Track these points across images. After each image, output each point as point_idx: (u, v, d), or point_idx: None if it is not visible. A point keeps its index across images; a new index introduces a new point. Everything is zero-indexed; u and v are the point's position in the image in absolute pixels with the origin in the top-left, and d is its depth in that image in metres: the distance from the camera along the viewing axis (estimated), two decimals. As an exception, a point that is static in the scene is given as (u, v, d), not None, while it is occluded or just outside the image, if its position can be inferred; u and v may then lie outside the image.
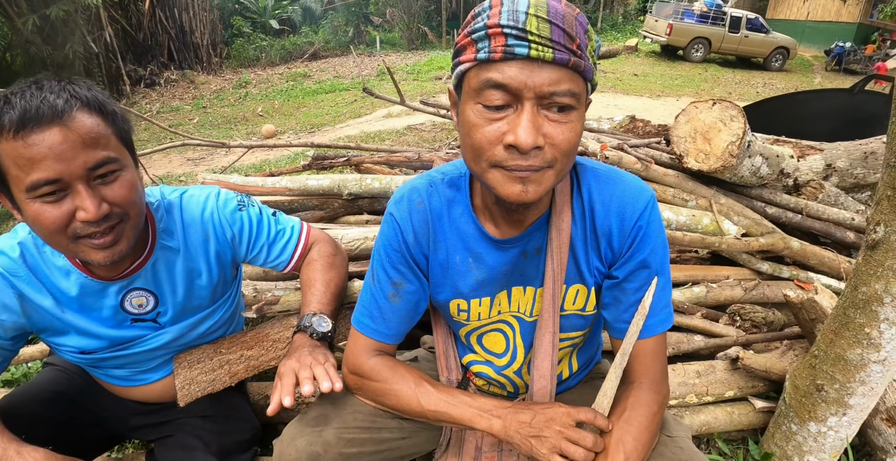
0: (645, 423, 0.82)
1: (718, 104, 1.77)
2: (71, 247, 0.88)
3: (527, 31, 0.65)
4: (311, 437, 0.89)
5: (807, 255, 1.85)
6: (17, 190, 0.83)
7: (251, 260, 1.22)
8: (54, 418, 1.16)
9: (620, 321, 0.89)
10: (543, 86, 0.66)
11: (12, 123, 0.79)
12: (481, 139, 0.70)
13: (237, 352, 1.21)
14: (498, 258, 0.89)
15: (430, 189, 0.91)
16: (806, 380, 1.26)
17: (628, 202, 0.84)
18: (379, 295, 0.94)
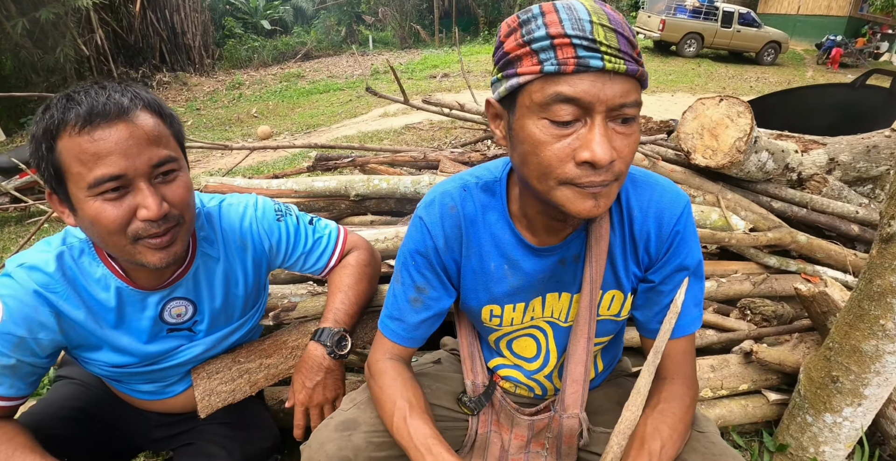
0: (679, 415, 0.84)
1: (725, 100, 1.78)
2: (128, 249, 0.87)
3: (598, 42, 0.63)
4: (340, 442, 0.89)
5: (813, 249, 1.87)
6: (76, 188, 0.82)
7: (287, 267, 1.22)
8: (74, 437, 1.13)
9: (654, 322, 0.89)
10: (615, 98, 0.64)
11: (79, 118, 0.79)
12: (551, 157, 0.67)
13: (256, 360, 1.19)
14: (535, 265, 0.88)
15: (463, 193, 0.88)
16: (821, 371, 1.28)
17: (666, 207, 0.83)
18: (402, 298, 0.94)
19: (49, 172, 0.83)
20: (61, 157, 0.81)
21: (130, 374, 1.09)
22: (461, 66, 3.50)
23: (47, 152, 0.81)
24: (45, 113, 0.82)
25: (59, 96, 0.83)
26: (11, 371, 0.93)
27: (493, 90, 0.75)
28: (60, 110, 0.80)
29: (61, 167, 0.81)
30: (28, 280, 0.91)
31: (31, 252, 0.96)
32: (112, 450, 1.23)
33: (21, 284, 0.91)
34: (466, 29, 18.61)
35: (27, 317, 0.91)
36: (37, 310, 0.92)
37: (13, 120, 10.00)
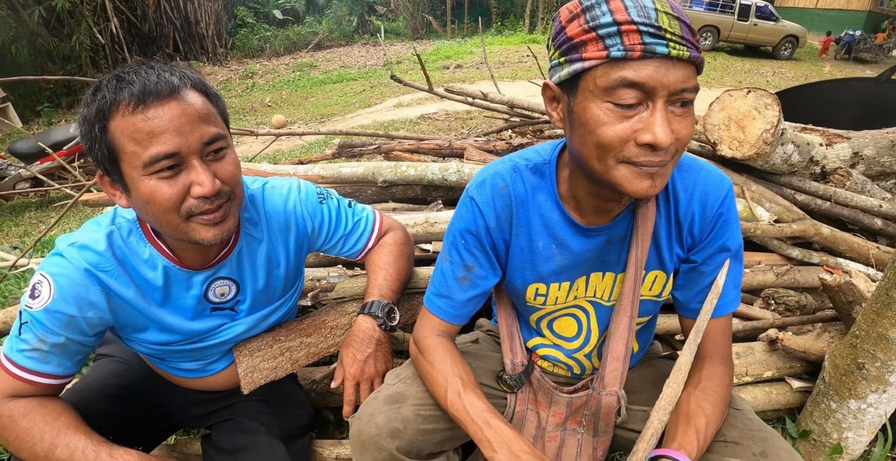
0: (721, 393, 0.87)
1: (753, 92, 1.79)
2: (182, 227, 0.87)
3: (663, 29, 0.65)
4: (390, 414, 0.91)
5: (836, 241, 1.88)
6: (130, 167, 0.82)
7: (325, 250, 1.24)
8: (119, 413, 1.15)
9: (694, 302, 0.92)
10: (677, 83, 0.67)
11: (132, 98, 0.79)
12: (613, 137, 0.69)
13: (296, 339, 1.22)
14: (583, 245, 0.90)
15: (513, 175, 0.91)
16: (846, 359, 1.30)
17: (710, 190, 0.86)
18: (450, 276, 0.97)
19: (102, 153, 0.83)
20: (115, 137, 0.81)
21: (174, 352, 1.12)
22: (484, 55, 3.51)
23: (100, 133, 0.82)
24: (97, 94, 0.82)
25: (108, 77, 0.83)
26: (60, 349, 0.95)
27: (551, 74, 0.77)
28: (112, 91, 0.80)
29: (115, 147, 0.82)
30: (79, 259, 0.92)
31: (82, 232, 0.97)
32: (152, 427, 1.26)
33: (73, 263, 0.92)
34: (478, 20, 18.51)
35: (78, 296, 0.92)
36: (87, 289, 0.93)
37: (29, 108, 10.12)
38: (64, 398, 1.09)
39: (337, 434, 1.59)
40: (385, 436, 0.89)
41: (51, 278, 0.91)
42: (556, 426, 1.04)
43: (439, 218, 1.62)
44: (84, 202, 2.34)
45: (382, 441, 0.89)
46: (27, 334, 0.93)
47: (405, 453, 0.90)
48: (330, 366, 1.54)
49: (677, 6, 0.68)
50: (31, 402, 0.94)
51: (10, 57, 10.56)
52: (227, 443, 1.18)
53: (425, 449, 0.93)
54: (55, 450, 0.90)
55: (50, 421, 0.92)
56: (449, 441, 0.98)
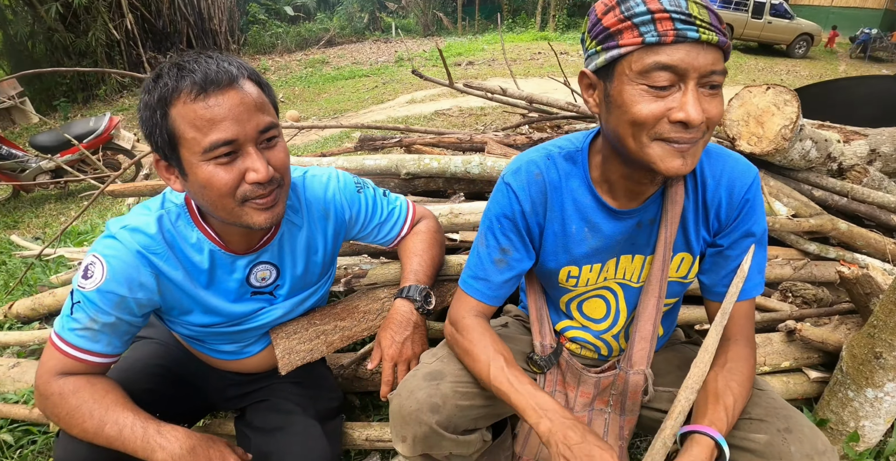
0: (746, 373, 0.92)
1: (772, 89, 1.81)
2: (236, 211, 0.91)
3: (693, 16, 0.70)
4: (430, 390, 0.95)
5: (853, 237, 1.90)
6: (189, 153, 0.86)
7: (360, 238, 1.28)
8: (162, 393, 1.18)
9: (720, 285, 0.97)
10: (707, 66, 0.72)
11: (194, 86, 0.82)
12: (648, 115, 0.74)
13: (331, 323, 1.27)
14: (614, 227, 0.95)
15: (547, 162, 0.96)
16: (864, 348, 1.33)
17: (738, 176, 0.91)
18: (486, 259, 1.01)
19: (162, 138, 0.86)
20: (175, 124, 0.84)
21: (215, 334, 1.16)
22: (503, 51, 3.52)
23: (161, 119, 0.85)
24: (158, 81, 0.85)
25: (168, 65, 0.86)
26: (111, 328, 0.98)
27: (588, 63, 0.82)
28: (174, 78, 0.83)
29: (175, 133, 0.85)
30: (131, 241, 0.96)
31: (133, 215, 1.01)
32: (189, 408, 1.31)
33: (125, 245, 0.95)
34: (490, 16, 18.47)
35: (129, 277, 0.96)
36: (138, 271, 0.97)
37: (46, 102, 10.27)
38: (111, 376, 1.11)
39: (363, 417, 1.65)
40: (425, 410, 0.93)
41: (104, 259, 0.95)
42: (583, 406, 1.08)
43: (463, 209, 1.67)
44: (109, 193, 2.41)
45: (423, 415, 0.92)
46: (79, 313, 0.96)
47: (444, 427, 0.93)
48: (357, 352, 1.59)
49: None
50: (80, 380, 0.97)
51: (27, 52, 10.71)
52: (263, 423, 1.22)
53: (461, 425, 0.97)
54: (104, 426, 0.93)
55: (98, 398, 0.96)
56: (483, 418, 1.02)
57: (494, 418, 1.06)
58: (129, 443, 0.93)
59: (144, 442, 0.93)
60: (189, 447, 0.94)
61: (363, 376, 1.61)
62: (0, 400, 1.65)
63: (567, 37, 15.17)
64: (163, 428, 0.95)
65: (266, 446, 1.16)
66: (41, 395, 0.97)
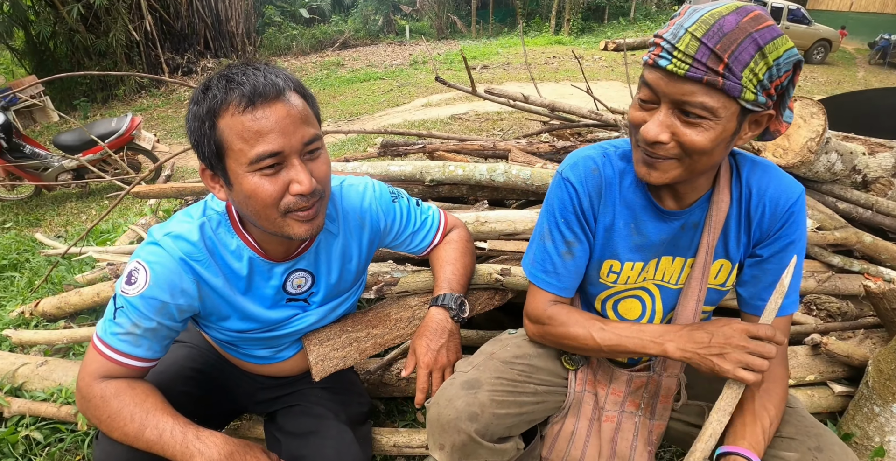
0: (781, 395, 0.94)
1: (799, 101, 1.82)
2: (278, 221, 0.93)
3: (675, 47, 0.75)
4: (468, 399, 0.97)
5: (878, 250, 1.90)
6: (236, 164, 0.87)
7: (393, 246, 1.30)
8: (196, 396, 1.20)
9: (757, 298, 0.98)
10: (676, 95, 0.77)
11: (242, 98, 0.84)
12: (632, 119, 0.86)
13: (363, 330, 1.29)
14: (660, 228, 0.99)
15: (603, 159, 1.00)
16: (891, 364, 1.33)
17: (784, 190, 0.94)
18: (553, 253, 1.04)
19: (210, 149, 0.88)
20: (223, 135, 0.86)
21: (250, 340, 1.18)
22: (524, 55, 3.53)
23: (209, 130, 0.86)
24: (207, 93, 0.86)
25: (217, 77, 0.88)
26: (152, 333, 1.00)
27: None
28: (223, 90, 0.85)
29: (223, 144, 0.86)
30: (175, 248, 0.98)
31: (175, 222, 1.03)
32: (221, 411, 1.32)
33: (168, 252, 0.98)
34: (503, 20, 18.51)
35: (171, 284, 0.98)
36: (181, 277, 0.98)
37: (65, 102, 10.44)
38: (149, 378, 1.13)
39: (388, 423, 1.67)
40: (464, 419, 0.95)
41: (147, 266, 0.97)
42: (614, 405, 1.09)
43: (489, 217, 1.68)
44: (135, 194, 2.46)
45: (462, 424, 0.95)
46: (122, 318, 0.98)
47: (482, 436, 0.96)
48: (384, 358, 1.62)
49: (723, 32, 0.73)
50: (121, 384, 0.99)
51: (48, 52, 10.90)
52: (295, 427, 1.23)
53: (497, 432, 0.99)
54: (145, 430, 0.95)
55: (139, 402, 0.97)
56: (516, 426, 1.04)
57: (527, 425, 1.08)
58: (169, 447, 0.94)
59: (184, 446, 0.94)
60: (227, 453, 0.95)
61: (389, 382, 1.63)
62: (28, 397, 1.68)
63: (581, 41, 15.14)
64: (202, 433, 0.96)
65: (298, 450, 1.17)
66: (83, 398, 0.99)
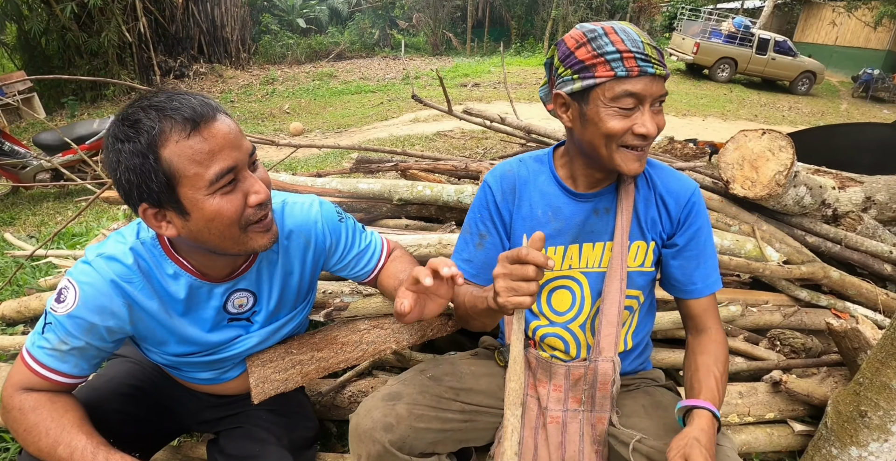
0: (723, 356, 1.09)
1: (768, 134, 1.82)
2: (242, 238, 0.92)
3: (648, 56, 0.92)
4: (385, 410, 1.01)
5: (845, 286, 1.89)
6: (193, 190, 0.85)
7: (337, 269, 1.26)
8: (132, 413, 1.17)
9: (689, 283, 1.13)
10: (657, 92, 0.95)
11: (186, 122, 0.82)
12: (618, 129, 0.95)
13: (308, 353, 1.25)
14: (574, 209, 1.11)
15: (518, 163, 1.17)
16: (849, 406, 1.31)
17: (683, 184, 1.11)
18: (470, 243, 1.18)
19: (159, 182, 0.84)
20: (172, 164, 0.82)
21: (191, 364, 1.15)
22: (504, 76, 3.56)
23: (155, 163, 0.82)
24: (138, 127, 0.82)
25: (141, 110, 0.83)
26: (79, 352, 0.98)
27: (560, 86, 1.00)
28: (157, 120, 0.82)
29: (173, 173, 0.83)
30: (107, 269, 0.96)
31: (109, 243, 1.00)
32: (161, 429, 1.28)
33: (100, 273, 0.95)
34: (498, 39, 18.74)
35: (100, 306, 0.96)
36: (111, 300, 0.96)
37: (54, 99, 10.34)
38: (79, 394, 1.11)
39: (339, 447, 1.61)
40: (379, 429, 0.98)
41: (77, 286, 0.95)
42: (557, 402, 1.12)
43: (452, 240, 1.65)
44: (104, 199, 2.40)
45: (377, 434, 0.98)
46: (49, 334, 0.97)
47: (398, 448, 0.98)
48: (337, 380, 1.56)
49: (650, 37, 0.97)
50: (41, 397, 0.97)
51: (39, 49, 10.81)
52: (236, 450, 1.20)
53: (417, 447, 1.01)
54: (58, 447, 0.93)
55: (56, 417, 0.95)
56: (441, 443, 1.06)
57: (457, 444, 1.10)
58: None
59: None
60: None
61: (341, 404, 1.58)
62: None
63: (574, 62, 15.29)
64: (112, 455, 0.94)
65: None
66: (4, 408, 0.97)
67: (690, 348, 1.13)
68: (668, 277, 1.16)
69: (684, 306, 1.17)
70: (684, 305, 1.17)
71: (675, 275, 1.13)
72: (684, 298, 1.15)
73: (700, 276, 1.12)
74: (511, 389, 0.86)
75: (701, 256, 1.11)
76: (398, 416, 1.00)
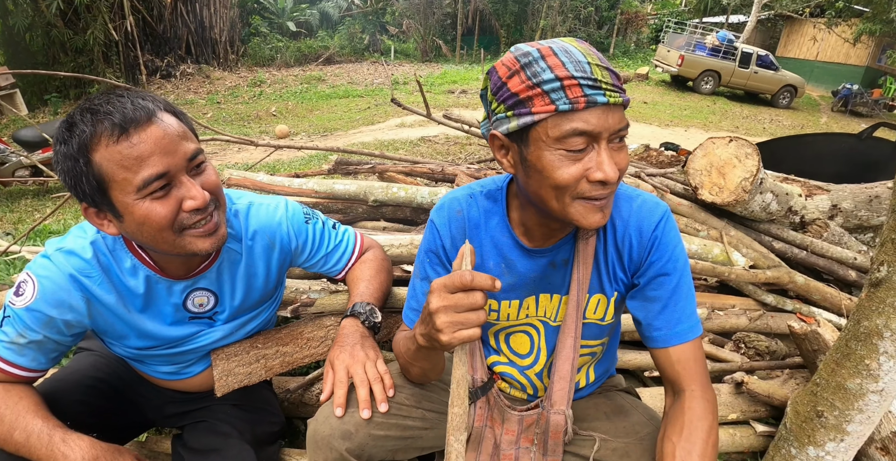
0: (706, 438, 0.85)
1: (734, 141, 1.87)
2: (177, 242, 0.91)
3: (598, 81, 0.73)
4: (344, 417, 0.96)
5: (810, 291, 1.93)
6: (122, 194, 0.85)
7: (307, 267, 1.27)
8: (95, 405, 1.17)
9: (652, 329, 0.94)
10: (615, 125, 0.76)
11: (114, 127, 0.82)
12: (568, 178, 0.77)
13: (273, 347, 1.26)
14: (528, 265, 0.98)
15: (469, 200, 1.00)
16: (807, 406, 1.33)
17: (645, 216, 0.92)
18: (419, 291, 1.04)
19: (90, 186, 0.85)
20: (102, 169, 0.83)
21: (152, 356, 1.15)
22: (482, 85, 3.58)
23: (85, 166, 0.83)
24: (73, 130, 0.83)
25: (79, 112, 0.84)
26: (37, 346, 0.99)
27: (496, 125, 0.83)
28: (90, 124, 0.82)
29: (104, 177, 0.84)
30: (66, 264, 0.96)
31: (70, 237, 1.00)
32: (126, 423, 1.28)
33: (58, 267, 0.96)
34: (487, 47, 18.89)
35: (59, 299, 0.96)
36: (69, 294, 0.97)
37: (37, 96, 10.19)
38: (43, 386, 1.13)
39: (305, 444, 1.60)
40: (337, 437, 0.94)
41: (36, 279, 0.96)
42: (509, 444, 1.07)
43: (425, 240, 1.66)
44: (79, 197, 2.36)
45: (334, 441, 0.94)
46: (7, 328, 0.97)
47: (356, 456, 0.94)
48: (305, 377, 1.56)
49: (601, 56, 0.78)
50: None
51: (23, 44, 10.65)
52: (198, 444, 1.20)
53: (376, 455, 0.97)
54: (13, 432, 0.93)
55: (11, 404, 0.95)
56: (402, 451, 1.02)
57: (416, 451, 1.06)
58: (35, 450, 0.92)
59: (49, 449, 0.92)
60: (92, 457, 0.93)
61: (309, 402, 1.57)
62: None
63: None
64: (69, 436, 0.94)
65: None
66: None
67: (663, 423, 0.91)
68: (633, 317, 0.99)
69: (653, 357, 0.97)
70: (653, 355, 0.96)
71: (636, 315, 0.97)
72: (649, 347, 0.96)
73: (664, 321, 0.91)
74: (454, 414, 0.76)
75: (668, 298, 0.91)
76: (357, 424, 0.95)
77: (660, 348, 0.93)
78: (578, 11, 17.86)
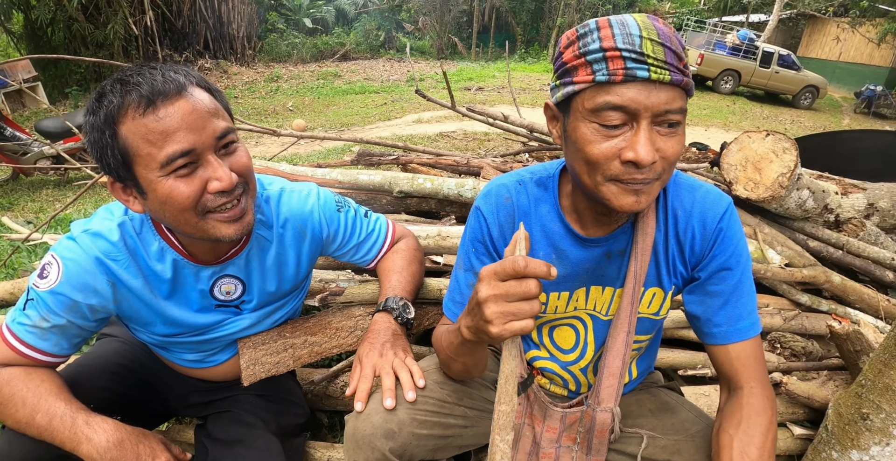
0: (765, 432, 0.83)
1: (772, 135, 1.81)
2: (199, 225, 0.87)
3: (645, 55, 0.69)
4: (386, 415, 0.92)
5: (846, 291, 1.87)
6: (146, 170, 0.82)
7: (337, 256, 1.25)
8: (118, 392, 1.15)
9: (711, 325, 0.90)
10: (660, 105, 0.70)
11: (141, 99, 0.79)
12: (599, 155, 0.74)
13: (301, 337, 1.23)
14: (581, 255, 0.92)
15: (518, 187, 0.94)
16: (851, 408, 1.28)
17: (709, 207, 0.88)
18: (463, 282, 0.99)
19: (115, 159, 0.82)
20: (127, 141, 0.80)
21: (177, 343, 1.13)
22: (508, 79, 3.55)
23: (111, 139, 0.81)
24: (102, 100, 0.81)
25: (111, 82, 0.82)
26: (60, 330, 0.96)
27: (552, 95, 0.81)
28: (119, 95, 0.80)
29: (128, 151, 0.81)
30: (92, 246, 0.93)
31: (96, 219, 0.98)
32: (149, 411, 1.26)
33: (84, 250, 0.93)
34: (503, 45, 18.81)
35: (83, 283, 0.93)
36: (95, 278, 0.94)
37: (58, 89, 10.34)
38: (66, 371, 1.11)
39: (329, 437, 1.59)
40: (380, 436, 0.89)
41: (61, 261, 0.93)
42: (549, 442, 1.03)
43: (451, 232, 1.63)
44: (102, 184, 2.37)
45: (377, 441, 0.89)
46: (31, 311, 0.95)
47: (398, 456, 0.90)
48: (329, 369, 1.54)
49: (666, 32, 0.71)
50: (16, 370, 0.95)
51: (45, 38, 10.81)
52: (223, 434, 1.18)
53: (417, 454, 0.93)
54: (36, 416, 0.91)
55: (32, 387, 0.93)
56: (442, 450, 0.98)
57: (455, 450, 1.02)
58: (58, 433, 0.90)
59: (72, 432, 0.90)
60: (117, 440, 0.91)
61: (333, 394, 1.56)
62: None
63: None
64: (92, 418, 0.92)
65: (223, 459, 1.12)
66: None
67: (719, 417, 0.90)
68: (687, 312, 0.96)
69: (710, 353, 0.94)
70: (710, 352, 0.94)
71: (693, 311, 0.93)
72: (706, 343, 0.94)
73: (725, 317, 0.88)
74: (501, 412, 0.71)
75: (730, 293, 0.88)
76: (400, 422, 0.90)
77: (719, 345, 0.90)
78: (596, 9, 17.70)
